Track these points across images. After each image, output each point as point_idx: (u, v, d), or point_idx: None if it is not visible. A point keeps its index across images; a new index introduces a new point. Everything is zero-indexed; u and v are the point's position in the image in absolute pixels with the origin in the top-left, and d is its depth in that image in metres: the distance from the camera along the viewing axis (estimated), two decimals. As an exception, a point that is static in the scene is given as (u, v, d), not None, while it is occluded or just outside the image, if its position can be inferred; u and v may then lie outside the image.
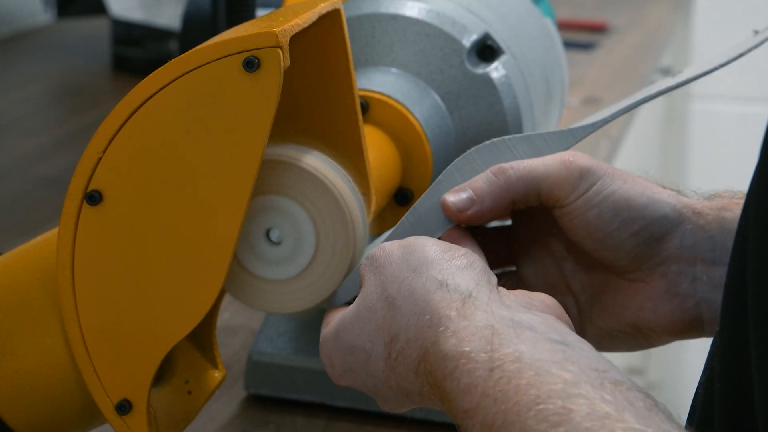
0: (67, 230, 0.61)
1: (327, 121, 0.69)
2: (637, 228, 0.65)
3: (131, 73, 1.71)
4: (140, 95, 0.59)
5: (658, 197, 0.66)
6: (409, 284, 0.58)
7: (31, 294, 0.64)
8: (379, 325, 0.59)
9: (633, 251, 0.66)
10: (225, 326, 0.96)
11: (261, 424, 0.83)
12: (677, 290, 0.67)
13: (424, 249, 0.60)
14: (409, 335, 0.57)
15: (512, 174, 0.65)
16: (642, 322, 0.68)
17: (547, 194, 0.65)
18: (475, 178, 0.65)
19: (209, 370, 0.71)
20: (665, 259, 0.67)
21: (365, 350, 0.59)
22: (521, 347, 0.53)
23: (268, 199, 0.64)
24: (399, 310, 0.58)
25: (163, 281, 0.61)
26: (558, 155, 0.66)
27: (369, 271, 0.61)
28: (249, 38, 0.58)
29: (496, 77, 0.81)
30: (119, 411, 0.62)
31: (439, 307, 0.56)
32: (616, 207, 0.65)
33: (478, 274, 0.59)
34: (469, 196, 0.65)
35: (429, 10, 0.82)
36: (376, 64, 0.81)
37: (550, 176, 0.65)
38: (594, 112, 1.65)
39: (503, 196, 0.65)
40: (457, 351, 0.54)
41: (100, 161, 0.60)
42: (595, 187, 0.65)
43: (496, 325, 0.55)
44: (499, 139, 0.67)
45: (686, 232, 0.66)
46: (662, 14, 2.33)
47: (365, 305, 0.60)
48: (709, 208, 0.67)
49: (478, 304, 0.56)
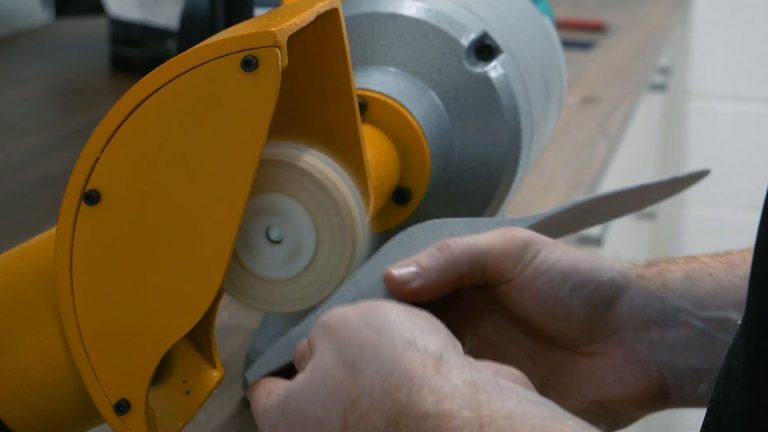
0: (65, 230, 0.61)
1: (325, 121, 0.69)
2: (588, 293, 0.64)
3: (130, 72, 1.71)
4: (138, 95, 0.59)
5: (601, 263, 0.65)
6: (372, 345, 0.55)
7: (30, 294, 0.64)
8: (336, 390, 0.55)
9: (585, 319, 0.65)
10: (223, 326, 0.96)
11: (259, 423, 0.83)
12: (637, 357, 0.65)
13: (385, 309, 0.57)
14: (374, 398, 0.53)
15: (456, 248, 0.63)
16: (607, 396, 0.66)
17: (493, 267, 0.64)
18: (419, 254, 0.64)
19: (207, 370, 0.71)
20: (619, 327, 0.66)
21: (317, 418, 0.55)
22: (508, 404, 0.51)
23: (266, 198, 0.64)
24: (361, 373, 0.54)
25: (162, 281, 0.61)
26: (498, 230, 0.65)
27: (321, 337, 0.57)
28: (247, 38, 0.58)
29: (494, 76, 0.81)
30: (117, 411, 0.62)
31: (411, 366, 0.53)
32: (564, 272, 0.64)
33: (445, 338, 0.56)
34: (415, 269, 0.63)
35: (427, 9, 0.82)
36: (374, 64, 0.81)
37: (494, 248, 0.64)
38: (593, 108, 1.65)
39: (449, 270, 0.63)
40: (437, 409, 0.51)
41: (98, 161, 0.60)
42: (540, 255, 0.64)
43: (478, 382, 0.52)
44: (441, 221, 0.66)
45: (635, 295, 0.65)
46: (661, 14, 2.33)
47: (320, 370, 0.56)
48: (650, 271, 0.67)
49: (452, 364, 0.53)
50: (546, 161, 1.42)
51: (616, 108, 1.67)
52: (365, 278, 0.64)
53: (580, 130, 1.56)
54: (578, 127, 1.57)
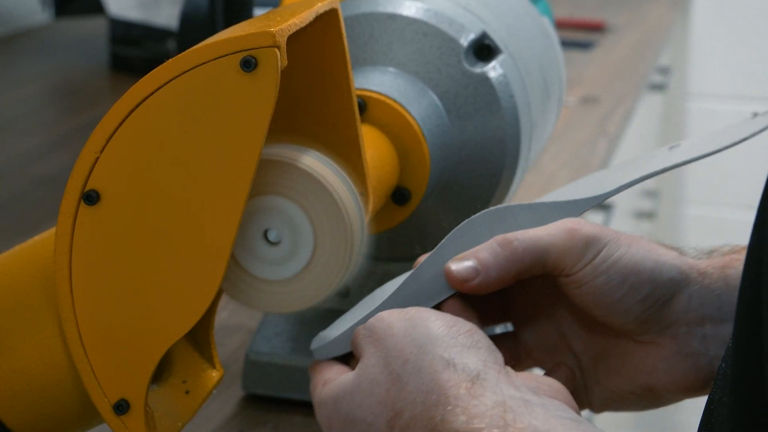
0: (65, 230, 0.61)
1: (324, 121, 0.69)
2: (645, 293, 0.65)
3: (129, 72, 1.71)
4: (137, 95, 0.59)
5: (663, 260, 0.66)
6: (415, 362, 0.58)
7: (29, 294, 0.64)
8: (382, 399, 0.59)
9: (641, 315, 0.66)
10: (223, 326, 0.96)
11: (258, 423, 0.83)
12: (689, 350, 0.66)
13: (427, 324, 0.60)
14: (415, 413, 0.57)
15: (518, 245, 0.64)
16: (655, 383, 0.67)
17: (553, 264, 0.64)
18: (480, 247, 0.64)
19: (207, 370, 0.71)
20: (673, 321, 0.66)
21: (366, 422, 0.59)
22: (534, 422, 0.53)
23: (265, 199, 0.64)
24: (404, 387, 0.58)
25: (161, 281, 0.61)
26: (561, 224, 0.65)
27: (368, 342, 0.61)
28: (246, 38, 0.58)
29: (493, 76, 0.81)
30: (117, 411, 0.62)
31: (447, 386, 0.56)
32: (623, 273, 0.64)
33: (484, 354, 0.58)
34: (474, 265, 0.64)
35: (427, 9, 0.82)
36: (373, 64, 0.81)
37: (556, 246, 0.64)
38: (592, 108, 1.65)
39: (508, 268, 0.64)
40: (468, 428, 0.54)
41: (98, 161, 0.60)
42: (602, 254, 0.64)
43: (508, 402, 0.55)
44: (504, 206, 0.66)
45: (693, 294, 0.66)
46: (660, 13, 2.33)
47: (367, 377, 0.60)
48: (712, 267, 0.67)
49: (487, 385, 0.56)
50: (546, 161, 1.42)
51: (615, 108, 1.67)
52: (426, 270, 0.65)
53: (580, 130, 1.56)
54: (578, 126, 1.57)
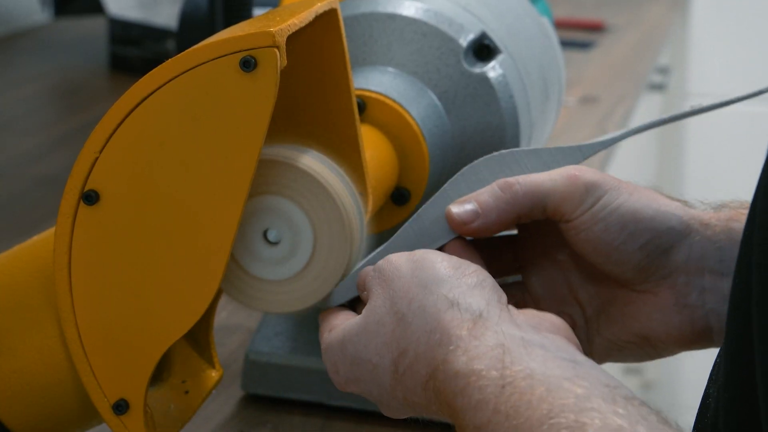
0: (64, 230, 0.61)
1: (324, 121, 0.69)
2: (644, 241, 0.65)
3: (129, 72, 1.71)
4: (137, 95, 0.59)
5: (665, 209, 0.66)
6: (419, 301, 0.59)
7: (28, 294, 0.64)
8: (388, 340, 0.59)
9: (640, 264, 0.66)
10: (222, 326, 0.96)
11: (258, 423, 0.83)
12: (686, 301, 0.66)
13: (434, 265, 0.60)
14: (419, 351, 0.58)
15: (518, 189, 0.64)
16: (651, 333, 0.67)
17: (553, 209, 0.65)
18: (481, 190, 0.65)
19: (206, 370, 0.71)
20: (673, 271, 0.66)
21: (372, 362, 0.60)
22: (532, 364, 0.53)
23: (265, 199, 0.64)
24: (409, 327, 0.58)
25: (160, 281, 0.61)
26: (564, 170, 0.65)
27: (376, 283, 0.61)
28: (246, 38, 0.58)
29: (493, 76, 0.81)
30: (116, 411, 0.62)
31: (450, 326, 0.57)
32: (622, 221, 0.65)
33: (488, 293, 0.59)
34: (474, 208, 0.65)
35: (426, 9, 0.82)
36: (373, 64, 0.81)
37: (556, 191, 0.64)
38: (592, 108, 1.65)
39: (508, 211, 0.65)
40: (468, 369, 0.55)
41: (97, 161, 0.60)
42: (601, 201, 0.65)
43: (507, 344, 0.55)
44: (507, 151, 0.67)
45: (694, 244, 0.66)
46: (660, 13, 2.33)
47: (373, 318, 0.60)
48: (716, 219, 0.67)
49: (489, 324, 0.57)
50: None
51: (614, 108, 1.67)
52: (428, 214, 0.66)
53: (579, 130, 1.56)
54: (577, 126, 1.57)
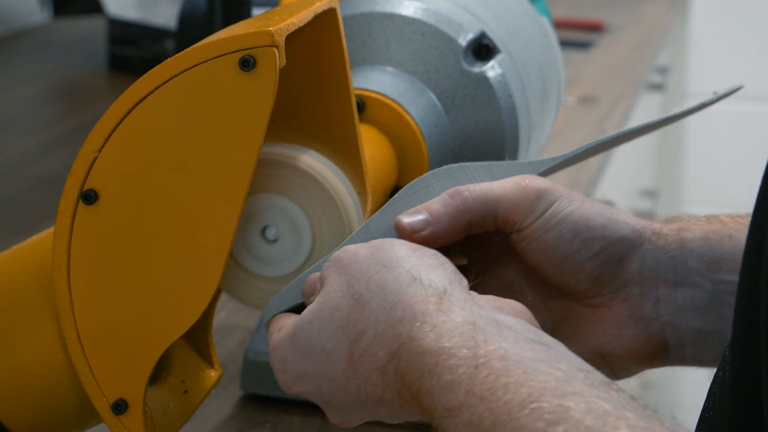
0: (63, 229, 0.61)
1: (323, 120, 0.69)
2: (597, 249, 0.64)
3: (128, 72, 1.71)
4: (136, 94, 0.59)
5: (617, 218, 0.65)
6: (378, 279, 0.57)
7: (27, 293, 0.64)
8: (343, 323, 0.57)
9: (593, 274, 0.65)
10: (221, 325, 0.96)
11: (257, 423, 0.83)
12: (640, 314, 0.65)
13: (393, 246, 0.59)
14: (378, 331, 0.55)
15: (468, 196, 0.63)
16: (606, 349, 0.66)
17: (504, 217, 0.64)
18: (431, 200, 0.64)
19: (205, 370, 0.71)
20: (626, 282, 0.65)
21: (325, 350, 0.57)
22: (504, 344, 0.52)
23: (264, 197, 0.64)
24: (366, 306, 0.56)
25: (159, 280, 0.61)
26: (513, 178, 0.65)
27: (332, 271, 0.59)
28: (244, 37, 0.58)
29: (492, 76, 0.81)
30: (115, 410, 0.62)
31: (414, 301, 0.55)
32: (575, 228, 0.64)
33: (450, 273, 0.58)
34: (425, 217, 0.63)
35: (425, 8, 0.82)
36: (372, 63, 0.81)
37: (507, 198, 0.64)
38: (591, 108, 1.65)
39: (459, 218, 0.63)
40: (437, 346, 0.52)
41: (96, 160, 0.60)
42: (553, 208, 0.64)
43: (478, 321, 0.53)
44: (458, 165, 0.66)
45: (647, 253, 0.65)
46: (659, 13, 2.33)
47: (328, 303, 0.58)
48: (668, 229, 0.66)
49: (455, 300, 0.55)
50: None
51: (614, 108, 1.67)
52: (377, 224, 0.64)
53: (578, 130, 1.56)
54: (576, 126, 1.57)
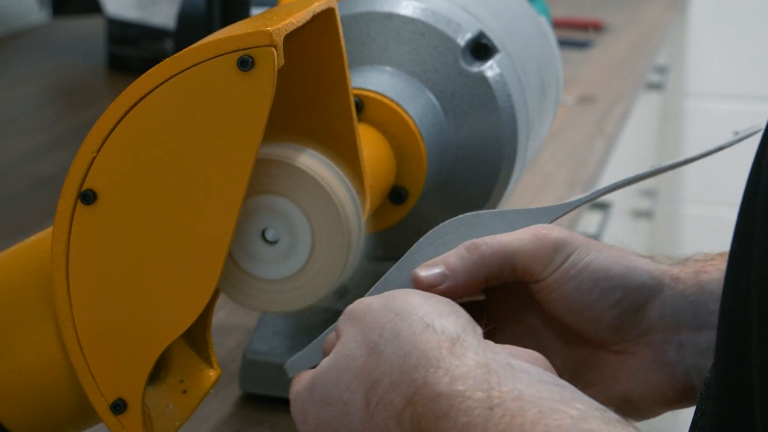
0: (62, 229, 0.61)
1: (321, 120, 0.69)
2: (616, 298, 0.64)
3: (127, 72, 1.71)
4: (134, 94, 0.59)
5: (635, 265, 0.65)
6: (392, 327, 0.57)
7: (26, 293, 0.64)
8: (359, 373, 0.57)
9: (614, 322, 0.65)
10: (220, 325, 0.96)
11: (256, 423, 0.83)
12: (664, 359, 0.65)
13: (406, 296, 0.59)
14: (393, 379, 0.56)
15: (486, 249, 0.63)
16: (632, 395, 0.66)
17: (522, 269, 0.64)
18: (448, 253, 0.64)
19: (204, 369, 0.71)
20: (648, 329, 0.65)
21: (342, 400, 0.57)
22: (520, 386, 0.52)
23: (262, 198, 0.64)
24: (381, 355, 0.56)
25: (158, 280, 0.61)
26: (530, 229, 0.64)
27: (347, 324, 0.59)
28: (243, 37, 0.58)
29: (490, 76, 0.81)
30: (114, 410, 0.62)
31: (428, 347, 0.55)
32: (593, 278, 0.64)
33: (464, 321, 0.58)
34: (442, 271, 0.63)
35: (424, 8, 0.82)
36: (370, 63, 0.81)
37: (524, 250, 0.63)
38: (590, 107, 1.65)
39: (477, 272, 0.63)
40: (451, 390, 0.53)
41: (95, 160, 0.60)
42: (571, 258, 0.64)
43: (491, 364, 0.53)
44: (473, 214, 0.66)
45: (667, 299, 0.65)
46: (658, 13, 2.33)
47: (343, 354, 0.58)
48: (685, 273, 0.66)
49: (468, 345, 0.55)
50: (543, 160, 1.42)
51: (612, 107, 1.67)
52: (395, 277, 0.64)
53: (577, 130, 1.56)
54: (575, 126, 1.57)
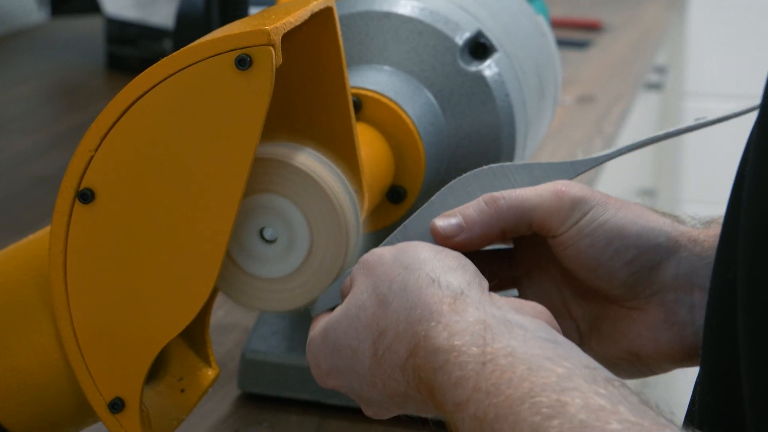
0: (59, 228, 0.61)
1: (320, 119, 0.69)
2: (630, 257, 0.65)
3: (125, 71, 1.71)
4: (132, 93, 0.59)
5: (652, 225, 0.65)
6: (401, 281, 0.59)
7: (24, 292, 0.64)
8: (368, 322, 0.59)
9: (627, 280, 0.66)
10: (219, 324, 0.96)
11: (254, 422, 0.83)
12: (675, 318, 0.66)
13: (416, 249, 0.61)
14: (399, 330, 0.58)
15: (503, 203, 0.64)
16: (641, 350, 0.67)
17: (539, 224, 0.65)
18: (467, 205, 0.65)
19: (202, 368, 0.71)
20: (662, 288, 0.66)
21: (351, 348, 0.60)
22: (513, 342, 0.54)
23: (260, 197, 0.64)
24: (389, 306, 0.59)
25: (156, 279, 0.61)
26: (551, 185, 0.65)
27: (360, 273, 0.61)
28: (241, 36, 0.58)
29: (488, 75, 0.81)
30: (112, 409, 0.62)
31: (431, 302, 0.57)
32: (608, 236, 0.64)
33: (470, 276, 0.59)
34: (459, 222, 0.64)
35: (422, 8, 0.82)
36: (369, 62, 0.81)
37: (542, 206, 0.64)
38: (589, 107, 1.65)
39: (493, 225, 0.64)
40: (448, 344, 0.55)
41: (92, 159, 0.60)
42: (587, 216, 0.64)
43: (489, 321, 0.55)
44: (498, 165, 0.67)
45: (682, 260, 0.66)
46: (657, 13, 2.33)
47: (355, 304, 0.60)
48: (705, 235, 0.66)
49: (470, 301, 0.57)
50: (542, 160, 1.41)
51: (611, 107, 1.67)
52: (414, 226, 0.66)
53: (576, 129, 1.56)
54: (574, 126, 1.57)
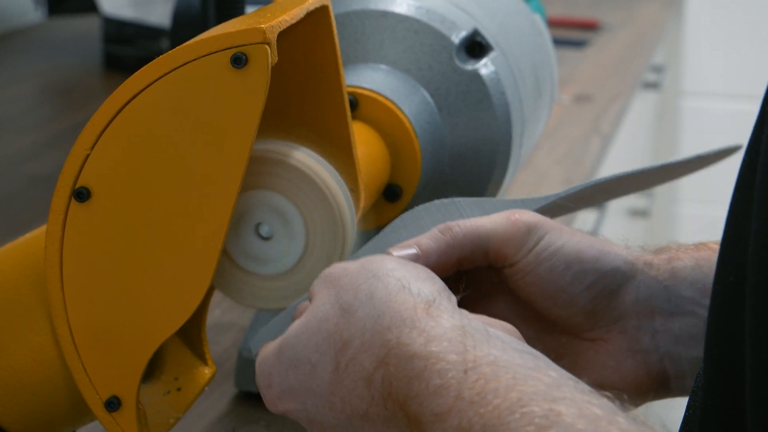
0: (56, 227, 0.61)
1: (316, 118, 0.69)
2: (590, 281, 0.64)
3: (123, 71, 1.71)
4: (128, 92, 0.59)
5: (608, 250, 0.65)
6: (367, 288, 0.56)
7: (20, 291, 0.64)
8: (330, 333, 0.56)
9: (587, 306, 0.65)
10: (216, 323, 0.96)
11: (251, 421, 0.83)
12: (638, 346, 0.65)
13: (383, 259, 0.58)
14: (365, 339, 0.54)
15: (458, 231, 0.63)
16: (605, 381, 0.65)
17: (495, 252, 0.64)
18: (422, 235, 0.63)
19: (199, 367, 0.71)
20: (622, 315, 0.65)
21: (310, 362, 0.56)
22: (494, 351, 0.51)
23: (256, 194, 0.64)
24: (354, 315, 0.55)
25: (152, 277, 0.61)
26: (504, 213, 0.64)
27: (321, 286, 0.58)
28: (236, 34, 0.58)
29: (485, 73, 0.81)
30: (108, 408, 0.62)
31: (402, 308, 0.54)
32: (566, 260, 0.64)
33: (440, 287, 0.57)
34: (415, 252, 0.62)
35: (418, 6, 0.82)
36: (365, 61, 0.81)
37: (497, 233, 0.63)
38: (586, 106, 1.65)
39: (450, 254, 0.63)
40: (426, 350, 0.52)
41: (88, 158, 0.60)
42: (543, 241, 0.63)
43: (467, 327, 0.53)
44: (449, 200, 0.66)
45: (640, 284, 0.65)
46: (654, 12, 2.34)
47: (315, 316, 0.57)
48: (659, 260, 0.66)
49: (443, 309, 0.54)
50: (539, 159, 1.42)
51: (609, 106, 1.67)
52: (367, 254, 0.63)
53: (574, 128, 1.56)
54: (571, 125, 1.57)
